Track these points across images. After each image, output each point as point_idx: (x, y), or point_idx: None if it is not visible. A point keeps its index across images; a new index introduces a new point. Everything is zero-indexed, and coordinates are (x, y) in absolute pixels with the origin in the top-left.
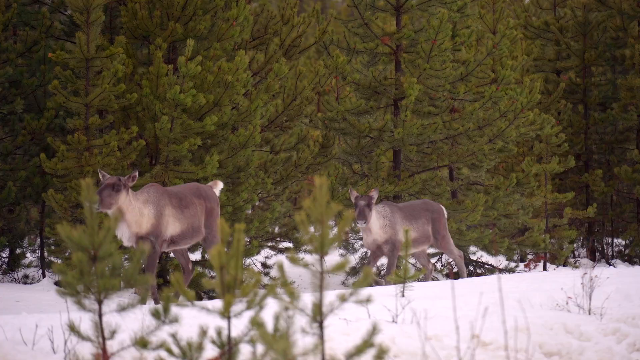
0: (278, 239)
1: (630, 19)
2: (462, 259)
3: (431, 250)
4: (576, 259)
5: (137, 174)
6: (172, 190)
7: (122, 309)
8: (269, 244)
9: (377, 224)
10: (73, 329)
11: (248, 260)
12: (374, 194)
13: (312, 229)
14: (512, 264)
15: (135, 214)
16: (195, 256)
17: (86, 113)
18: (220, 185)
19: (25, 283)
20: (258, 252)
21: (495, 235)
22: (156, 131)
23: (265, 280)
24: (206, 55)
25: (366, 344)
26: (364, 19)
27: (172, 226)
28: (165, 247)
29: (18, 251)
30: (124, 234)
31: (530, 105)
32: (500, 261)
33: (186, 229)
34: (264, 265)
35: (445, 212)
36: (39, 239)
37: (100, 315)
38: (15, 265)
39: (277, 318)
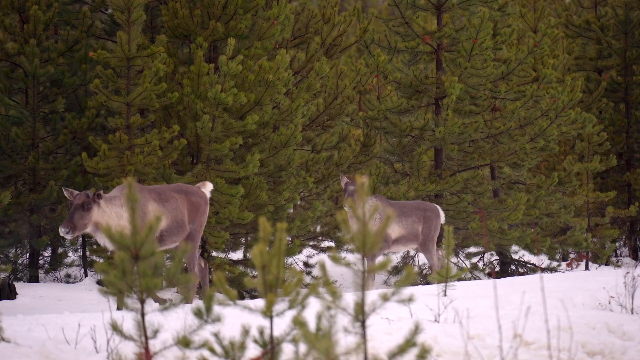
0: (320, 238)
1: None
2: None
3: (472, 249)
4: (618, 258)
5: (102, 192)
6: (149, 187)
7: (164, 308)
8: (311, 243)
9: None
10: (115, 328)
11: (290, 260)
12: (365, 180)
13: (353, 227)
14: (554, 263)
15: (113, 219)
16: (238, 255)
17: (127, 112)
18: (209, 186)
19: (68, 282)
20: (300, 251)
21: (537, 234)
22: (197, 130)
23: (307, 279)
24: (247, 54)
25: (408, 343)
26: (405, 17)
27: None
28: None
29: (60, 250)
30: (106, 241)
31: (571, 104)
32: (542, 260)
33: (171, 224)
34: (305, 264)
35: (442, 216)
36: (80, 238)
37: (142, 315)
38: (58, 265)
39: (319, 317)
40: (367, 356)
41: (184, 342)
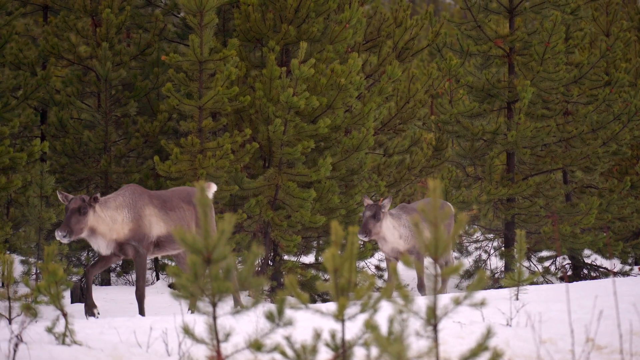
0: None
1: None
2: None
3: (544, 253)
4: None
5: (99, 195)
6: (156, 192)
7: (236, 311)
8: None
9: (395, 234)
10: (187, 331)
11: (362, 263)
12: (386, 202)
13: (425, 232)
14: (627, 267)
15: (107, 223)
16: (309, 259)
17: (199, 115)
18: (213, 187)
19: None
20: (372, 255)
21: (610, 238)
22: (269, 134)
23: (379, 283)
24: (319, 57)
25: (480, 347)
26: (477, 21)
27: (157, 226)
28: (152, 250)
29: None
30: (100, 245)
31: None
32: (615, 264)
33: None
34: (377, 268)
35: (453, 210)
36: None
37: (214, 318)
38: (129, 268)
39: (391, 321)
40: None
41: (256, 346)
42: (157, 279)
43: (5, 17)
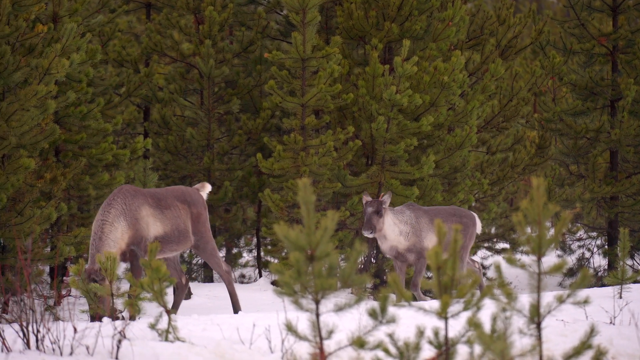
0: (495, 239)
1: None
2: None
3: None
4: None
5: (98, 268)
6: (149, 191)
7: (339, 308)
8: (486, 244)
9: (396, 230)
10: (290, 328)
11: None
12: (386, 198)
13: (529, 229)
14: None
15: (114, 245)
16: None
17: (302, 113)
18: (208, 187)
19: (242, 282)
20: (475, 253)
21: None
22: (372, 131)
23: (483, 280)
24: (422, 55)
25: (584, 345)
26: (580, 19)
27: (154, 227)
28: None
29: (235, 251)
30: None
31: None
32: None
33: (170, 231)
34: (480, 265)
35: (479, 224)
36: (255, 239)
37: (317, 315)
38: (232, 265)
39: (494, 319)
40: (542, 358)
41: (359, 343)
42: (260, 276)
43: (109, 15)
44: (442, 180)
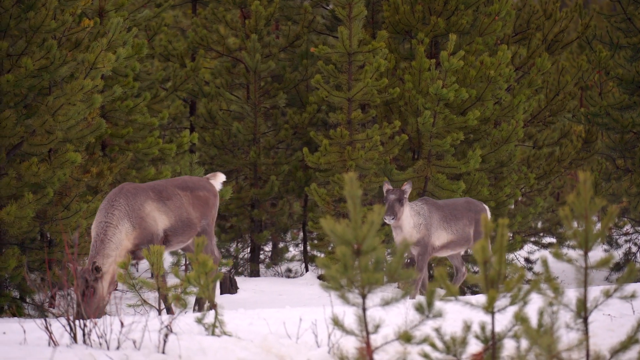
0: (541, 234)
1: None
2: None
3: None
4: None
5: (97, 264)
6: (149, 184)
7: (385, 303)
8: (532, 239)
9: (410, 222)
10: (337, 322)
11: (511, 255)
12: (407, 188)
13: (575, 224)
14: None
15: (114, 256)
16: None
17: (349, 107)
18: (220, 177)
19: (289, 277)
20: (521, 247)
21: None
22: (419, 126)
23: (529, 275)
24: (468, 49)
25: (631, 340)
26: (627, 13)
27: (160, 220)
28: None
29: (281, 245)
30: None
31: None
32: None
33: (176, 223)
34: (527, 260)
35: (489, 215)
36: (301, 233)
37: (364, 309)
38: (279, 259)
39: (541, 313)
40: (589, 352)
41: (405, 337)
42: (307, 270)
43: (155, 9)
44: (489, 174)
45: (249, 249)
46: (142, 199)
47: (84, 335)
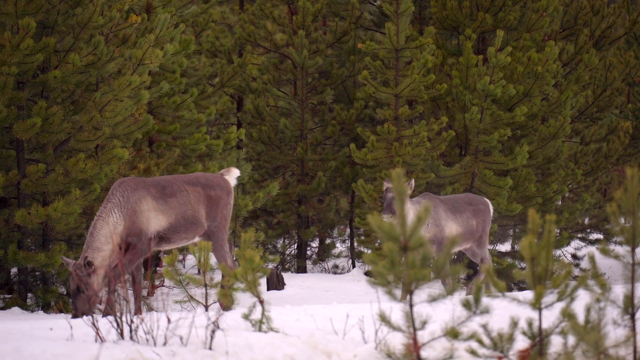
0: (588, 230)
1: None
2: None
3: None
4: None
5: (89, 259)
6: (154, 179)
7: (432, 299)
8: (579, 235)
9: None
10: (384, 319)
11: (558, 252)
12: (409, 184)
13: (622, 220)
14: None
15: (105, 251)
16: (505, 247)
17: (396, 103)
18: (234, 172)
19: (335, 273)
20: (568, 244)
21: None
22: (466, 122)
23: (576, 271)
24: (516, 45)
25: None
26: None
27: (155, 221)
28: (155, 245)
29: (328, 241)
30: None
31: None
32: None
33: (175, 221)
34: (574, 256)
35: (492, 209)
36: (348, 229)
37: (411, 306)
38: (325, 255)
39: (588, 310)
40: (637, 349)
41: (453, 334)
42: (353, 266)
43: (202, 6)
44: (536, 170)
45: (295, 245)
46: (140, 194)
47: (130, 331)
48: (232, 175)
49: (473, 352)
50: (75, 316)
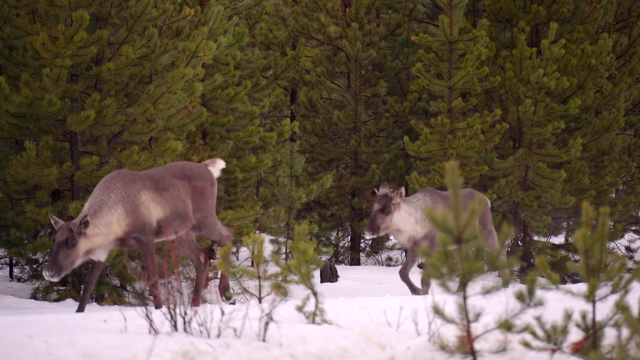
0: None
1: None
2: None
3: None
4: None
5: (88, 219)
6: (146, 173)
7: (486, 291)
8: (633, 227)
9: (412, 221)
10: (437, 311)
11: (612, 244)
12: (396, 194)
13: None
14: None
15: (103, 233)
16: (559, 239)
17: (449, 96)
18: (219, 164)
19: (389, 265)
20: (622, 236)
21: None
22: (519, 114)
23: (630, 264)
24: (569, 38)
25: None
26: None
27: (155, 211)
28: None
29: None
30: (100, 256)
31: None
32: None
33: (170, 214)
34: (627, 249)
35: (489, 204)
36: None
37: (464, 298)
38: (379, 248)
39: None
40: None
41: (506, 326)
42: None
43: None
44: (589, 163)
45: (349, 237)
46: (138, 186)
47: (184, 323)
48: (217, 167)
49: (527, 345)
50: (50, 269)
